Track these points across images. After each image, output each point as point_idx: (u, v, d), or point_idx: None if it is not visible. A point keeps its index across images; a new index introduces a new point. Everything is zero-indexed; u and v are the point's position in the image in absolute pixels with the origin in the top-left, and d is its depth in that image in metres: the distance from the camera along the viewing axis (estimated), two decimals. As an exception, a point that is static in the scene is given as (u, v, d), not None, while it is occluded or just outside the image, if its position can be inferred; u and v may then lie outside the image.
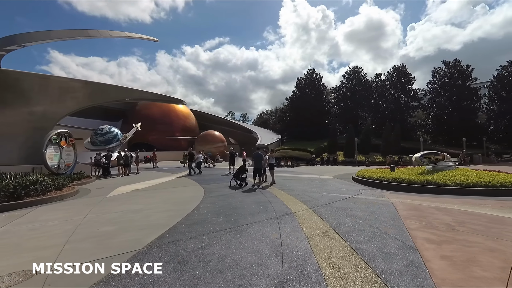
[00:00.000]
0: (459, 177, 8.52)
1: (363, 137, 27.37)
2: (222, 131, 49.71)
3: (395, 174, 10.04)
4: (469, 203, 6.54)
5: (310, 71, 40.18)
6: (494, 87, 31.91)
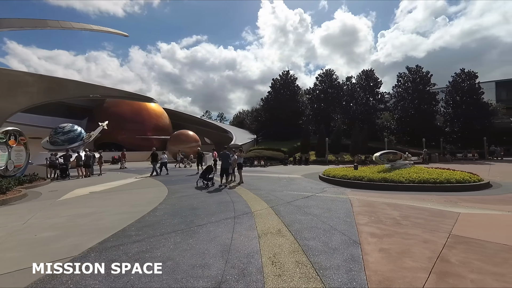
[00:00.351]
0: (412, 174, 9.15)
1: (334, 137, 28.44)
2: (197, 130, 48.72)
3: (357, 172, 10.51)
4: (418, 198, 7.04)
5: (285, 72, 40.89)
6: (449, 93, 34.92)
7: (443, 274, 2.75)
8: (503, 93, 57.70)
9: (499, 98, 55.22)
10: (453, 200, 6.69)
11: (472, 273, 2.77)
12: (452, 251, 3.38)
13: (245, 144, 33.20)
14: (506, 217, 5.08)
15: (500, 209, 5.70)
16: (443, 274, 2.75)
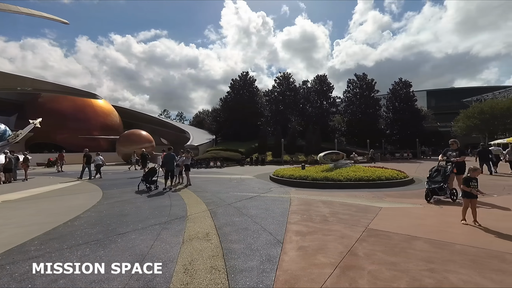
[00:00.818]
0: (350, 173, 9.88)
1: (290, 138, 29.52)
2: (152, 130, 45.97)
3: (303, 172, 10.97)
4: (351, 195, 7.58)
5: (244, 73, 41.13)
6: (390, 99, 39.15)
7: (346, 267, 2.91)
8: (433, 101, 67.14)
9: (429, 105, 64.04)
10: (380, 196, 7.37)
11: (372, 264, 2.99)
12: (362, 244, 3.64)
13: (202, 144, 32.38)
14: (416, 210, 5.74)
15: (414, 202, 6.44)
16: (346, 267, 2.91)
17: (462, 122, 38.32)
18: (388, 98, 39.76)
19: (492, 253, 3.25)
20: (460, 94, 60.35)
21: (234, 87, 40.26)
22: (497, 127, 36.61)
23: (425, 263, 3.00)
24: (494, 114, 35.61)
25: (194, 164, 22.63)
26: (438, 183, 6.41)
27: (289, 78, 41.99)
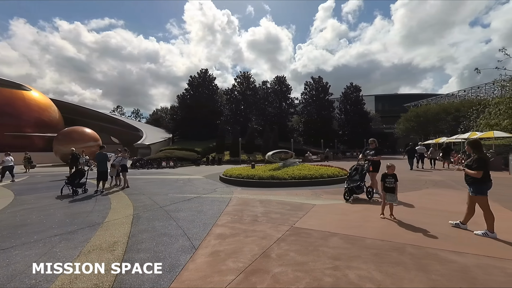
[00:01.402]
0: (296, 171, 10.07)
1: (248, 138, 29.53)
2: (101, 128, 41.99)
3: (252, 171, 10.86)
4: (292, 193, 7.65)
5: (203, 70, 39.95)
6: (342, 102, 41.95)
7: (252, 272, 2.73)
8: (380, 105, 73.93)
9: (377, 108, 70.36)
10: (318, 193, 7.57)
11: (280, 266, 2.86)
12: (280, 244, 3.53)
13: (155, 143, 30.50)
14: (345, 206, 5.97)
15: (347, 198, 6.73)
16: (252, 272, 2.73)
17: (402, 125, 42.82)
18: (340, 101, 42.55)
19: (395, 246, 3.41)
20: (403, 100, 67.57)
21: (192, 84, 38.80)
22: (430, 129, 41.87)
23: (332, 260, 2.99)
24: (427, 118, 40.62)
25: (144, 164, 21.12)
26: (356, 182, 6.51)
27: (249, 78, 42.11)
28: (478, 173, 3.75)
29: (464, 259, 2.98)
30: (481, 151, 3.94)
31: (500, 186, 8.04)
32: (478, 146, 3.98)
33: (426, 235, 3.82)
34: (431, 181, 9.79)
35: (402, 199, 6.31)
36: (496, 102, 18.66)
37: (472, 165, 3.88)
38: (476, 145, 4.01)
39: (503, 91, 20.46)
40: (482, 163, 3.77)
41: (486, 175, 3.78)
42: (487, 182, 3.83)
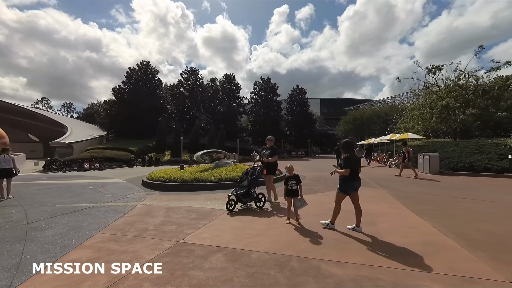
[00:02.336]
0: (224, 173, 9.46)
1: (193, 136, 27.98)
2: (15, 123, 35.14)
3: (178, 173, 9.85)
4: (211, 197, 6.96)
5: (144, 62, 36.46)
6: (289, 103, 43.43)
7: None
8: (325, 108, 79.53)
9: (322, 111, 75.41)
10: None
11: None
12: (142, 271, 2.77)
13: (79, 142, 26.54)
14: (256, 211, 5.55)
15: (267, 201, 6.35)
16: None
17: (342, 126, 46.64)
18: (287, 102, 44.03)
19: (280, 260, 2.99)
20: (345, 104, 73.98)
21: (131, 77, 35.00)
22: (365, 131, 46.60)
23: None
24: (363, 121, 45.11)
25: (61, 167, 17.95)
26: (243, 188, 5.54)
27: (197, 74, 40.25)
28: (345, 171, 3.80)
29: (343, 271, 2.69)
30: (350, 151, 3.99)
31: (405, 183, 8.88)
32: (346, 146, 4.02)
33: (319, 242, 3.56)
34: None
35: (320, 198, 6.22)
36: (411, 108, 21.47)
37: (342, 164, 3.93)
38: (345, 145, 4.05)
39: (417, 99, 23.67)
40: (347, 162, 3.84)
41: (351, 173, 3.83)
42: (350, 181, 3.88)
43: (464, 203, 5.91)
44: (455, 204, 5.77)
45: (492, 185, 8.34)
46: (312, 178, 11.12)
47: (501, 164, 10.37)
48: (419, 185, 8.71)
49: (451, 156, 12.64)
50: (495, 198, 6.29)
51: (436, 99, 18.81)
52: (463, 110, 18.13)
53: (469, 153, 12.46)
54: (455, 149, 13.68)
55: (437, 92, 19.49)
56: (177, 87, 38.99)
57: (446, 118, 18.44)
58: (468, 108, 18.02)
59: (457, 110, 18.21)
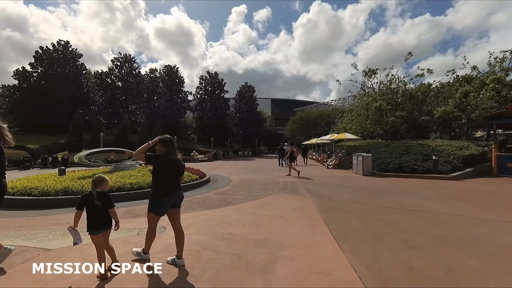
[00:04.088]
0: (116, 178, 7.06)
1: (120, 133, 23.91)
2: None
3: (48, 181, 7.03)
4: (62, 221, 4.59)
5: (63, 42, 30.06)
6: (237, 100, 41.84)
7: None
8: (276, 108, 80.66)
9: (273, 111, 76.27)
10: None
11: None
12: None
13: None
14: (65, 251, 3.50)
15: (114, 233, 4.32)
16: None
17: (289, 126, 47.19)
18: (235, 100, 42.41)
19: None
20: (294, 105, 76.05)
21: (42, 58, 28.38)
22: (310, 131, 48.04)
23: None
24: (309, 121, 46.36)
25: None
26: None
27: (133, 62, 35.33)
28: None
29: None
30: (170, 146, 2.84)
31: (337, 187, 7.89)
32: (163, 142, 2.82)
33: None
34: (284, 183, 8.99)
35: (221, 216, 4.48)
36: (349, 109, 21.99)
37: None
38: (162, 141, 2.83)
39: (354, 101, 24.49)
40: (150, 160, 2.77)
41: (164, 183, 2.74)
42: (162, 196, 2.71)
43: (392, 214, 4.90)
44: (383, 218, 4.68)
45: (419, 187, 7.91)
46: (239, 182, 9.48)
47: (426, 165, 10.37)
48: (350, 189, 7.79)
49: (382, 156, 12.52)
50: (421, 206, 5.50)
51: (371, 101, 19.35)
52: (393, 113, 19.06)
53: (398, 154, 12.51)
54: (386, 149, 13.77)
55: (372, 94, 20.17)
56: (106, 75, 33.42)
57: (379, 120, 19.13)
58: (398, 111, 19.01)
59: (389, 112, 19.06)
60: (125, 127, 24.75)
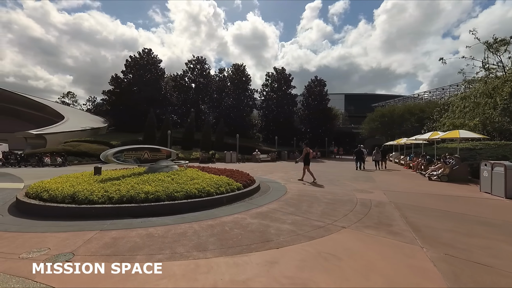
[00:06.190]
0: (146, 185, 5.60)
1: (186, 130, 24.70)
2: (15, 113, 34.71)
3: (82, 182, 6.18)
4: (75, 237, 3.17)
5: (146, 50, 33.87)
6: (305, 96, 38.39)
7: None
8: (351, 105, 72.39)
9: (346, 108, 68.73)
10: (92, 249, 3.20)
11: None
12: None
13: (58, 133, 24.26)
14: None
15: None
16: None
17: (367, 124, 40.54)
18: (303, 95, 39.01)
19: None
20: (372, 100, 66.36)
21: (131, 66, 32.59)
22: (394, 130, 39.93)
23: None
24: (393, 118, 38.58)
25: (18, 161, 15.60)
26: None
27: (204, 63, 36.88)
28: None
29: None
30: None
31: (465, 223, 4.21)
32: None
33: None
34: (364, 204, 5.89)
35: (252, 273, 2.17)
36: (462, 97, 15.85)
37: None
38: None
39: (468, 89, 17.75)
40: None
41: None
42: None
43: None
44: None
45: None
46: (295, 195, 6.86)
47: None
48: (498, 229, 4.13)
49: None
50: None
51: (501, 84, 13.21)
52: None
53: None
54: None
55: (504, 75, 13.80)
56: (181, 77, 35.98)
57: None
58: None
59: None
60: (191, 125, 25.55)
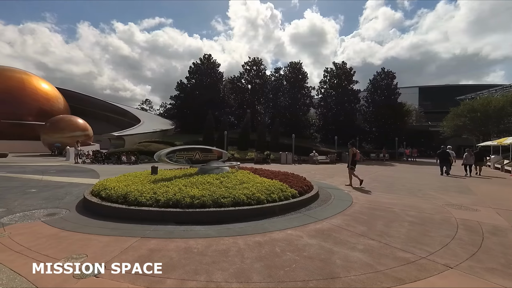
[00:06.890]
0: (194, 188, 5.32)
1: (242, 131, 24.95)
2: (107, 118, 41.47)
3: (141, 181, 6.36)
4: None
5: (206, 56, 36.01)
6: (370, 92, 34.39)
7: None
8: (427, 100, 62.11)
9: (421, 103, 59.21)
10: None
11: None
12: None
13: (134, 135, 27.52)
14: None
15: None
16: None
17: (450, 121, 33.76)
18: (368, 90, 34.99)
19: None
20: (456, 92, 55.40)
21: (193, 72, 35.21)
22: (490, 128, 32.02)
23: None
24: (488, 113, 31.03)
25: (103, 159, 18.28)
26: None
27: (260, 64, 37.02)
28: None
29: None
30: None
31: None
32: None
33: None
34: (470, 228, 4.23)
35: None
36: None
37: None
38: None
39: None
40: None
41: None
42: None
43: None
44: None
45: None
46: (365, 208, 5.54)
47: None
48: None
49: None
50: None
51: None
52: None
53: None
54: None
55: None
56: (238, 79, 36.99)
57: None
58: None
59: None
60: (247, 125, 25.77)
